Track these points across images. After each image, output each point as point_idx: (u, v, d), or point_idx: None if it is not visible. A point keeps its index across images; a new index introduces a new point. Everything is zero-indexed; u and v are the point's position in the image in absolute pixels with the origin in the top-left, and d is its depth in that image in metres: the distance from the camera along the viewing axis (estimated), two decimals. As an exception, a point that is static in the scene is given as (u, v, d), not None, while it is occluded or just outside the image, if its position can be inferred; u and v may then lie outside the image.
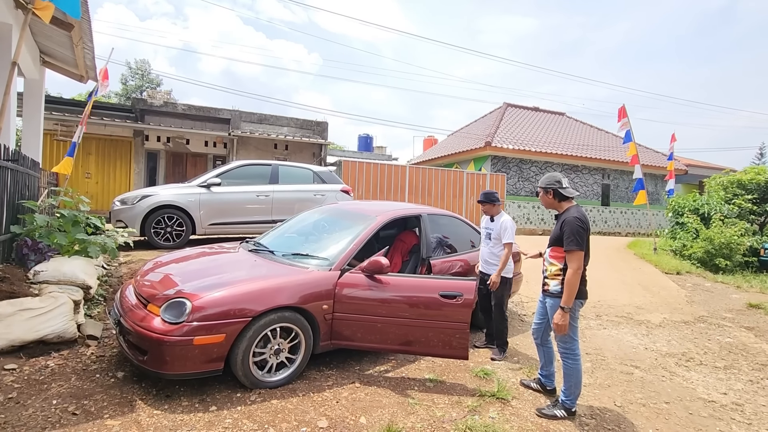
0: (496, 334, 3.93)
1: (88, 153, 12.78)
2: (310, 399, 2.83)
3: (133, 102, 13.19)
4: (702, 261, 9.22)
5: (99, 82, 7.83)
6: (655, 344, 4.56)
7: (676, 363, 4.07)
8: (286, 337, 2.98)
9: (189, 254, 3.73)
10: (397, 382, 3.23)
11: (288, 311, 2.94)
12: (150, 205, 6.12)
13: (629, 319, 5.41)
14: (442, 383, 3.28)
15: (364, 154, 23.79)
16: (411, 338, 3.21)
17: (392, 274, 3.30)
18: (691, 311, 5.86)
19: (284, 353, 2.98)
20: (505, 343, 3.93)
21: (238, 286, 2.86)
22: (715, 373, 3.93)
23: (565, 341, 2.88)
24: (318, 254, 3.49)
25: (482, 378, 3.42)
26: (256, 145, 13.89)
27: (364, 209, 4.11)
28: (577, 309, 2.87)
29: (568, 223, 2.81)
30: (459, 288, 3.20)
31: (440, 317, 3.18)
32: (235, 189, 6.76)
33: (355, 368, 3.44)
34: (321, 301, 3.10)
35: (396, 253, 4.35)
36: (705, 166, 22.89)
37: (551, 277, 2.93)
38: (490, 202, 3.97)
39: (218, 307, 2.68)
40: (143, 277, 3.27)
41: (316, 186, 7.44)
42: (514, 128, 18.03)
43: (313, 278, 3.14)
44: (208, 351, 2.65)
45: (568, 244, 2.77)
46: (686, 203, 11.04)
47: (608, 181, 18.23)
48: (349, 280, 3.23)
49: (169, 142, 13.49)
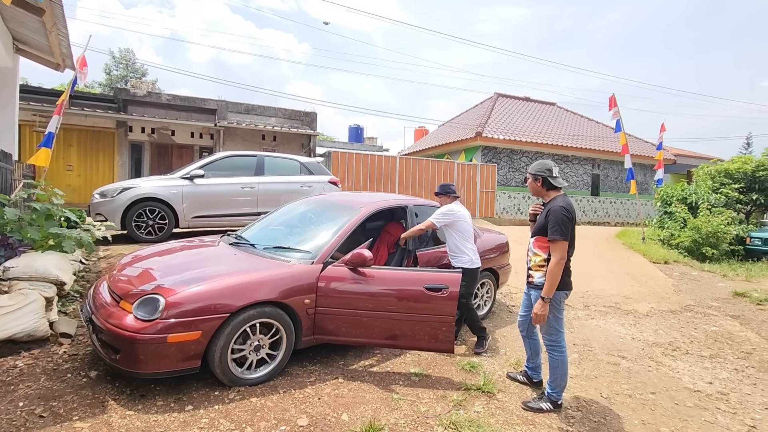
0: (470, 328, 3.87)
1: (69, 145, 12.45)
2: (291, 396, 2.76)
3: (116, 92, 12.85)
4: (689, 250, 9.29)
5: (77, 70, 7.58)
6: (642, 334, 4.56)
7: (662, 353, 4.07)
8: (266, 332, 2.90)
9: (166, 248, 3.61)
10: (381, 377, 3.17)
11: (268, 306, 2.85)
12: (130, 198, 5.95)
13: (617, 309, 5.41)
14: (428, 377, 3.23)
15: (354, 145, 23.58)
16: (396, 332, 3.15)
17: (376, 267, 3.22)
18: (678, 300, 5.88)
19: (265, 349, 2.90)
20: (482, 334, 3.84)
21: (216, 281, 2.76)
22: (701, 362, 3.93)
23: (551, 333, 2.83)
24: (300, 247, 3.39)
25: (468, 371, 3.37)
26: (243, 136, 13.64)
27: (348, 201, 4.01)
28: (561, 300, 2.82)
29: (554, 213, 2.74)
30: (444, 280, 3.13)
31: (425, 310, 3.11)
32: (219, 181, 6.60)
33: (339, 363, 3.37)
34: (303, 296, 3.01)
35: (382, 245, 4.27)
36: (693, 155, 23.11)
37: (535, 268, 2.87)
38: (446, 194, 3.89)
39: (194, 303, 2.58)
40: (118, 272, 3.15)
41: (303, 177, 7.30)
42: (505, 118, 17.95)
43: (295, 272, 3.05)
44: (183, 349, 2.55)
45: (552, 234, 2.70)
46: (674, 193, 11.10)
47: (598, 171, 18.30)
48: (332, 274, 3.15)
49: (153, 134, 13.20)
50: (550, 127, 18.26)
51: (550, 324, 2.83)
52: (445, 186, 3.92)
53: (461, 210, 3.79)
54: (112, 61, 26.90)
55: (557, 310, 2.81)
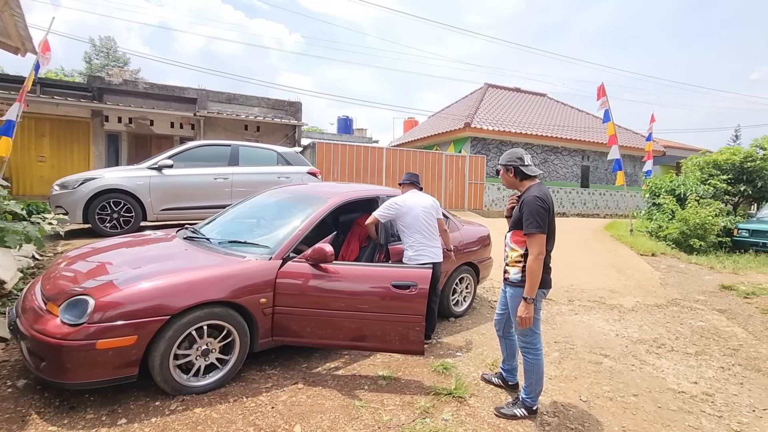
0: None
1: (41, 135, 11.94)
2: (242, 405, 2.51)
3: (90, 80, 12.35)
4: (677, 242, 9.18)
5: (39, 54, 7.15)
6: (627, 330, 4.38)
7: (646, 350, 3.89)
8: (217, 335, 2.64)
9: (113, 243, 3.32)
10: (346, 381, 2.94)
11: (217, 307, 2.59)
12: (92, 190, 5.61)
13: (602, 303, 5.23)
14: (397, 381, 3.00)
15: (343, 137, 23.21)
16: (361, 333, 2.91)
17: (339, 263, 2.97)
18: (664, 294, 5.73)
19: (214, 354, 2.65)
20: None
21: (156, 279, 2.49)
22: (686, 359, 3.76)
23: (526, 335, 2.61)
24: (258, 242, 3.13)
25: (441, 373, 3.15)
26: (225, 126, 13.24)
27: (316, 191, 3.74)
28: (539, 299, 2.60)
29: (527, 204, 2.50)
30: (412, 277, 2.89)
31: (392, 309, 2.87)
32: (190, 171, 6.28)
33: (302, 366, 3.13)
34: (258, 294, 2.76)
35: (353, 238, 4.02)
36: (683, 147, 23.10)
37: (512, 263, 2.63)
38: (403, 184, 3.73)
39: (128, 305, 2.31)
40: (52, 270, 2.86)
41: (280, 168, 7.00)
42: (495, 109, 17.70)
43: (249, 269, 2.79)
44: (117, 355, 2.29)
45: (527, 227, 2.46)
46: (663, 184, 10.98)
47: (588, 163, 18.17)
48: (292, 270, 2.89)
49: (131, 124, 12.73)
50: (540, 118, 18.05)
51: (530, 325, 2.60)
52: (407, 175, 3.71)
53: (411, 201, 3.52)
54: (93, 50, 26.08)
55: (535, 310, 2.58)
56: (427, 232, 3.47)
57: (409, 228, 3.45)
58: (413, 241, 3.45)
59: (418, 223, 3.45)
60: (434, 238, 3.52)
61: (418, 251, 3.44)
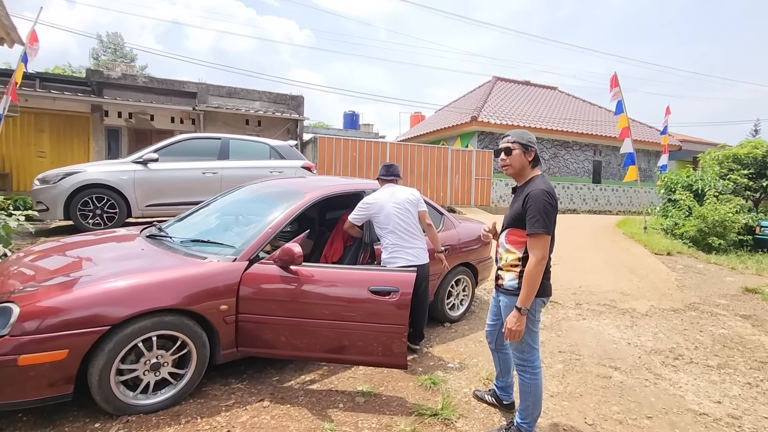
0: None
1: (40, 130, 11.82)
2: (195, 426, 2.21)
3: (89, 74, 12.17)
4: (694, 240, 8.68)
5: (26, 45, 6.94)
6: (640, 338, 3.99)
7: (662, 362, 3.50)
8: (170, 347, 2.34)
9: (68, 243, 3.04)
10: (319, 398, 2.62)
11: (168, 315, 2.28)
12: (74, 185, 5.37)
13: (612, 307, 4.83)
14: (377, 397, 2.67)
15: (349, 132, 22.87)
16: (335, 344, 2.58)
17: (312, 265, 2.64)
18: (681, 297, 5.29)
19: (167, 368, 2.34)
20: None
21: (95, 285, 2.19)
22: (708, 373, 3.36)
23: (522, 350, 2.25)
24: (223, 241, 2.81)
25: (428, 389, 2.81)
26: (226, 121, 12.99)
27: (295, 186, 3.42)
28: (538, 310, 2.24)
29: (535, 199, 2.11)
30: (393, 282, 2.55)
31: (370, 318, 2.53)
32: (177, 165, 6.01)
33: (273, 379, 2.82)
34: (218, 300, 2.44)
35: (338, 237, 3.69)
36: (700, 141, 22.29)
37: (507, 268, 2.27)
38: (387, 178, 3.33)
39: (58, 315, 2.01)
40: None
41: (272, 162, 6.69)
42: (503, 103, 17.20)
43: (208, 271, 2.47)
44: (46, 372, 1.99)
45: (532, 226, 2.08)
46: (679, 179, 10.44)
47: (600, 158, 17.58)
48: (259, 273, 2.57)
49: (131, 118, 12.56)
50: (550, 112, 17.50)
51: (523, 339, 2.24)
52: (383, 168, 3.33)
53: (382, 198, 3.17)
54: (100, 46, 26.12)
55: (532, 321, 2.22)
56: (402, 231, 3.10)
57: (383, 228, 3.12)
58: (387, 242, 3.12)
59: (391, 221, 3.10)
60: (413, 238, 3.15)
61: (392, 253, 3.10)
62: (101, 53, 26.09)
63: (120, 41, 26.88)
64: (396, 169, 3.34)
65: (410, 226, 3.16)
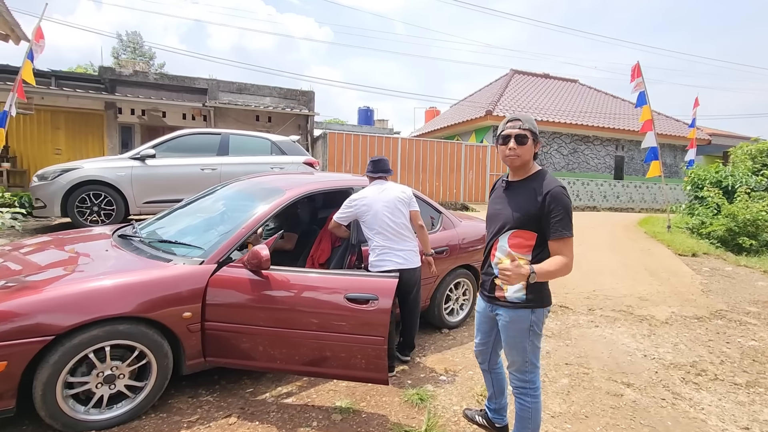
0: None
1: (56, 128, 12.02)
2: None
3: (101, 71, 12.29)
4: (723, 240, 8.10)
5: (32, 41, 6.95)
6: (658, 349, 3.63)
7: (682, 378, 3.14)
8: (128, 357, 2.15)
9: (39, 242, 2.90)
10: (292, 414, 2.40)
11: (123, 323, 2.09)
12: (71, 181, 5.30)
13: (628, 314, 4.45)
14: (356, 414, 2.43)
15: (364, 128, 22.65)
16: (309, 356, 2.36)
17: (284, 269, 2.42)
18: (706, 303, 4.86)
19: (123, 380, 2.16)
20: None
21: (39, 291, 2.01)
22: (735, 392, 2.99)
23: (525, 370, 1.95)
24: (193, 242, 2.62)
25: (414, 405, 2.56)
26: (236, 117, 12.93)
27: (278, 183, 3.20)
28: (544, 321, 1.95)
29: (558, 199, 1.79)
30: (372, 289, 2.30)
31: (346, 328, 2.29)
32: (175, 161, 5.89)
33: (246, 391, 2.61)
34: (180, 307, 2.25)
35: (325, 237, 3.45)
36: (731, 135, 21.14)
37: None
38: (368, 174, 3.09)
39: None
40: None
41: (273, 158, 6.51)
42: (520, 96, 16.64)
43: (170, 275, 2.28)
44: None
45: (563, 229, 1.77)
46: (707, 175, 9.80)
47: (622, 153, 16.85)
48: (227, 277, 2.37)
49: (144, 115, 12.64)
50: (569, 105, 16.84)
51: (525, 357, 1.93)
52: (371, 163, 3.08)
53: (371, 196, 2.91)
54: (120, 45, 26.61)
55: (536, 336, 1.92)
56: (391, 232, 2.84)
57: (371, 229, 2.86)
58: (375, 244, 2.86)
59: (379, 222, 2.84)
60: (403, 240, 2.89)
61: (379, 256, 2.84)
62: (121, 52, 26.58)
63: (139, 40, 27.33)
64: (385, 164, 3.08)
65: (400, 227, 2.90)
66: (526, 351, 1.92)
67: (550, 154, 15.52)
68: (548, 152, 15.49)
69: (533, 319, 1.88)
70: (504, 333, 1.98)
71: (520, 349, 1.92)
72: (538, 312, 1.89)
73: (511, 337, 1.94)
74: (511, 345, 1.95)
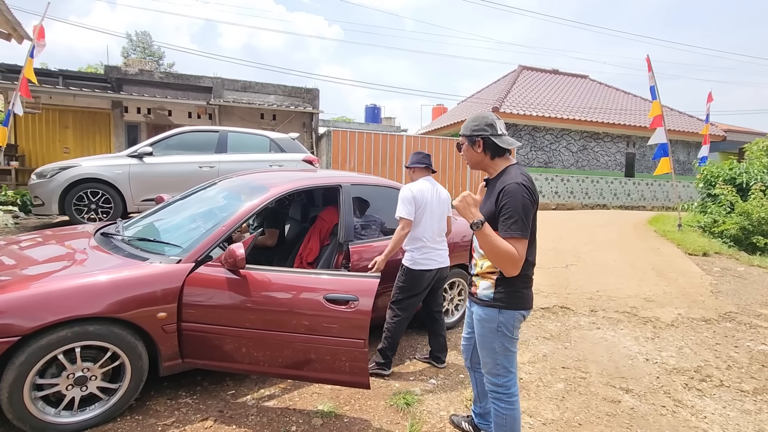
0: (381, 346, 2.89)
1: (65, 127, 12.16)
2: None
3: (107, 70, 12.41)
4: (736, 239, 7.84)
5: (34, 40, 7.00)
6: (661, 353, 3.48)
7: (685, 384, 3.00)
8: (101, 358, 2.10)
9: (21, 239, 2.87)
10: (272, 417, 2.32)
11: (94, 323, 2.04)
12: (68, 179, 5.31)
13: (632, 315, 4.30)
14: (338, 419, 2.35)
15: (370, 126, 22.56)
16: (288, 359, 2.28)
17: (262, 268, 2.34)
18: (715, 305, 4.67)
19: (95, 382, 2.10)
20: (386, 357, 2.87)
21: (5, 291, 1.96)
22: (741, 400, 2.84)
23: (497, 374, 1.87)
24: (172, 240, 2.55)
25: (400, 410, 2.47)
26: (241, 115, 12.94)
27: (263, 180, 3.12)
28: (516, 325, 1.84)
29: (510, 194, 1.72)
30: (351, 289, 2.21)
31: (325, 330, 2.21)
32: (173, 159, 5.86)
33: (228, 393, 2.55)
34: (154, 307, 2.18)
35: (314, 235, 3.37)
36: (748, 131, 20.58)
37: (483, 275, 1.89)
38: (414, 167, 3.01)
39: (-42, 324, 1.80)
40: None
41: (272, 155, 6.46)
42: (529, 92, 16.36)
43: (144, 274, 2.21)
44: (-54, 387, 1.78)
45: (508, 228, 1.68)
46: (720, 172, 9.50)
47: (633, 150, 16.48)
48: (204, 277, 2.30)
49: (149, 114, 12.72)
50: (579, 101, 16.52)
51: (497, 360, 1.86)
52: (417, 156, 3.02)
53: (428, 193, 2.88)
54: (130, 45, 26.90)
55: (509, 340, 1.83)
56: (437, 232, 2.92)
57: (418, 225, 2.84)
58: (420, 243, 2.85)
59: (430, 220, 2.87)
60: (442, 239, 2.99)
61: (424, 254, 2.85)
62: (131, 52, 26.87)
63: (149, 40, 27.59)
64: (431, 159, 3.06)
65: (442, 228, 2.99)
66: (496, 352, 1.85)
67: (558, 151, 15.25)
68: (557, 149, 15.23)
69: (501, 320, 1.81)
70: (477, 330, 1.94)
71: (489, 349, 1.87)
72: (507, 314, 1.80)
73: (481, 335, 1.90)
74: (481, 344, 1.92)
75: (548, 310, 4.35)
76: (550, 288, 4.97)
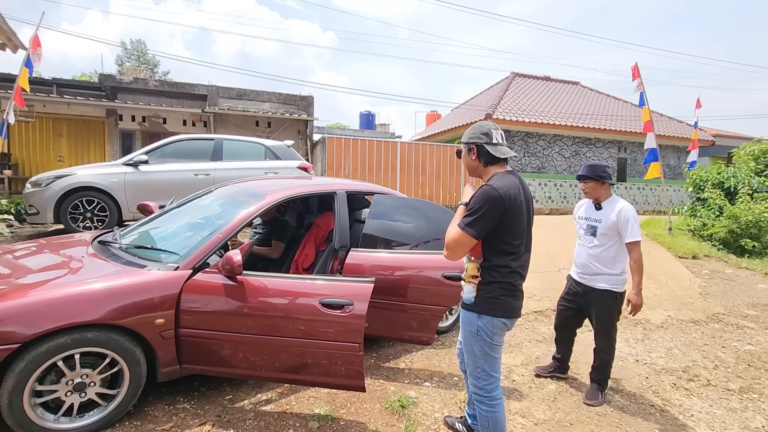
0: (598, 366, 2.83)
1: (59, 135, 12.14)
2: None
3: (101, 78, 12.42)
4: (725, 242, 7.98)
5: (29, 50, 7.03)
6: (650, 354, 3.55)
7: (673, 384, 3.07)
8: (100, 364, 2.13)
9: (16, 248, 2.89)
10: (269, 422, 2.36)
11: (92, 330, 2.07)
12: (64, 188, 5.33)
13: (623, 317, 4.33)
14: (334, 423, 2.39)
15: (365, 132, 22.70)
16: (286, 363, 2.32)
17: (256, 274, 2.39)
18: (703, 307, 4.77)
19: (94, 388, 2.13)
20: (606, 379, 2.84)
21: (4, 299, 1.99)
22: (727, 399, 2.91)
23: (476, 376, 1.94)
24: (170, 248, 2.59)
25: (395, 412, 2.51)
26: (236, 123, 12.99)
27: (259, 187, 3.17)
28: (498, 332, 1.90)
29: (476, 195, 1.83)
30: (346, 294, 2.26)
31: (321, 335, 2.26)
32: (168, 167, 5.90)
33: (225, 398, 2.58)
34: (152, 314, 2.22)
35: (310, 242, 3.43)
36: (736, 136, 20.93)
37: (468, 279, 1.95)
38: (595, 179, 2.72)
39: (-41, 331, 1.83)
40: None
41: (267, 163, 6.51)
42: (521, 99, 16.58)
43: (142, 281, 2.25)
44: (-53, 394, 1.81)
45: (462, 219, 1.82)
46: (709, 176, 9.68)
47: (625, 155, 16.70)
48: (201, 283, 2.34)
49: (144, 122, 12.73)
50: (570, 107, 16.76)
51: (477, 363, 1.93)
52: (595, 167, 2.73)
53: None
54: (124, 53, 26.91)
55: (490, 346, 1.90)
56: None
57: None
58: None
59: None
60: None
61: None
62: (125, 60, 26.88)
63: (143, 48, 27.62)
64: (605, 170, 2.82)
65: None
66: (476, 356, 1.92)
67: (551, 157, 15.43)
68: (550, 155, 15.41)
69: (480, 324, 1.88)
70: (461, 332, 2.02)
71: (470, 352, 1.94)
72: (486, 319, 1.87)
73: (463, 338, 1.99)
74: (464, 347, 1.99)
75: (541, 314, 4.42)
76: (543, 291, 5.04)
